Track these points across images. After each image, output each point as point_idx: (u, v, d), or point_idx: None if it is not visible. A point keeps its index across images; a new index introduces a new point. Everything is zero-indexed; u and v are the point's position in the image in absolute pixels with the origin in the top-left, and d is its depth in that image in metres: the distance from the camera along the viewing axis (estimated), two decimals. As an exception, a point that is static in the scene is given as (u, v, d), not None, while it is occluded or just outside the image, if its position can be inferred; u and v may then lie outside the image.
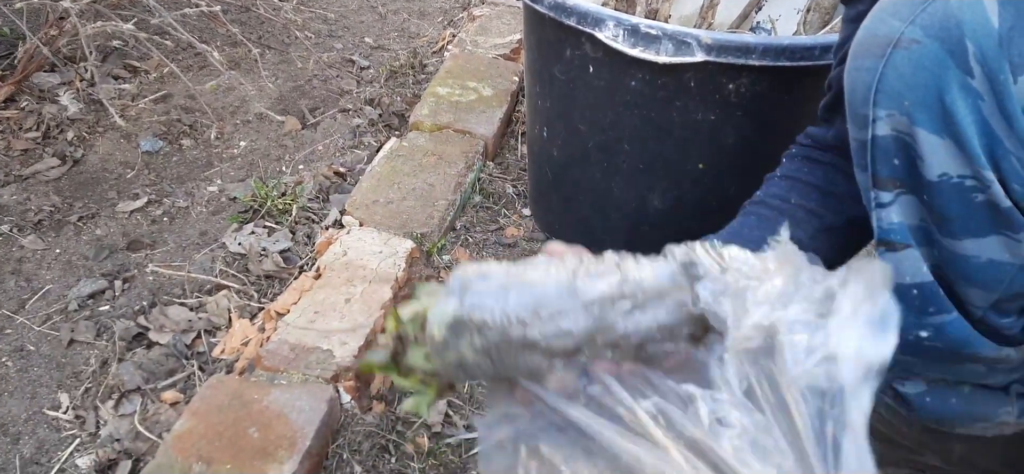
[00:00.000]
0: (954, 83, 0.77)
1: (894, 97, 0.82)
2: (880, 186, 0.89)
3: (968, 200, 0.83)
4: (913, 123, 0.81)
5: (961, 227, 0.86)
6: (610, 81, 1.36)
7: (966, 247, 0.87)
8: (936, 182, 0.83)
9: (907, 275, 0.92)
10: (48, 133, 1.95)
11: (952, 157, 0.81)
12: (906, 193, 0.88)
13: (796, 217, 1.03)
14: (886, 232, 0.91)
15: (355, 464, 1.21)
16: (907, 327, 0.96)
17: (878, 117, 0.84)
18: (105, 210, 1.74)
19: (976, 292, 0.92)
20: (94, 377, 1.34)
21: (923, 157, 0.83)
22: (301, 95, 2.22)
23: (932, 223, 0.88)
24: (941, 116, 0.79)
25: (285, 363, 1.28)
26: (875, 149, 0.86)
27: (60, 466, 1.20)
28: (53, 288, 1.52)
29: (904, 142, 0.84)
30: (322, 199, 1.81)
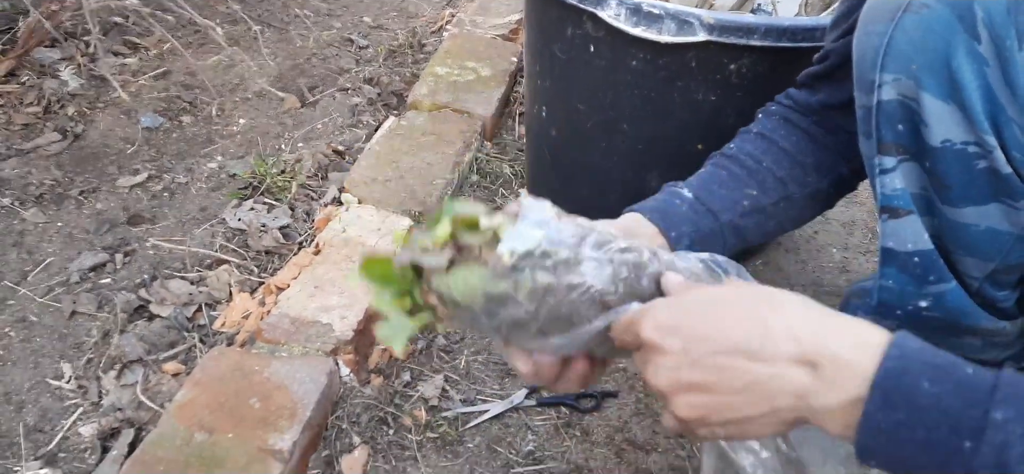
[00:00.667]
0: (961, 48, 0.78)
1: (902, 61, 0.83)
2: (884, 151, 0.90)
3: (970, 166, 0.84)
4: (919, 87, 0.82)
5: (961, 194, 0.87)
6: (611, 60, 1.37)
7: (966, 215, 0.88)
8: (939, 148, 0.84)
9: (908, 242, 0.93)
10: (49, 108, 1.95)
11: (956, 123, 0.82)
12: (908, 160, 0.89)
13: (765, 183, 1.04)
14: (889, 198, 0.92)
15: (354, 435, 1.22)
16: (907, 297, 0.97)
17: (884, 81, 0.85)
18: (106, 185, 1.75)
19: (973, 262, 0.93)
20: (96, 348, 1.35)
21: (927, 122, 0.84)
22: (300, 73, 2.23)
23: (933, 190, 0.89)
24: (947, 81, 0.80)
25: (285, 336, 1.29)
26: (880, 114, 0.87)
27: (63, 434, 1.21)
28: (54, 260, 1.53)
29: (909, 107, 0.85)
30: (321, 177, 1.82)
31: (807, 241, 1.75)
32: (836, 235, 1.78)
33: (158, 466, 1.07)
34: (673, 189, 1.03)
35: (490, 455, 1.23)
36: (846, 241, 1.76)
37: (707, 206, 1.01)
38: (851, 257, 1.72)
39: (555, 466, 1.22)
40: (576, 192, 1.61)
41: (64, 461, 1.17)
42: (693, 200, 1.01)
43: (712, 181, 1.04)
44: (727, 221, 1.01)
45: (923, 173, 0.89)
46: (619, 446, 1.25)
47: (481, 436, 1.26)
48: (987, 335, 0.99)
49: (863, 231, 1.80)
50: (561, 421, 1.29)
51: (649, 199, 1.02)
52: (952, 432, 0.57)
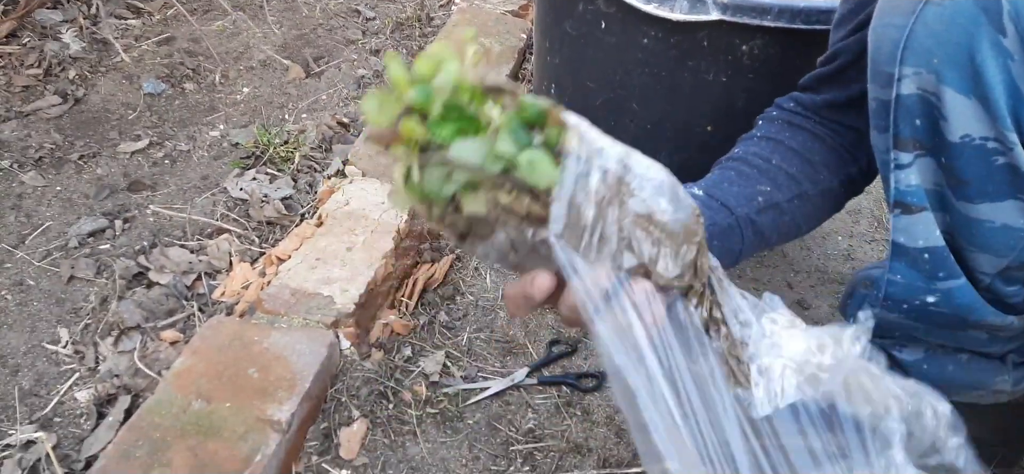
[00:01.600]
0: (985, 41, 0.76)
1: (922, 54, 0.81)
2: (900, 147, 0.88)
3: (988, 163, 0.83)
4: (940, 82, 0.80)
5: (978, 190, 0.85)
6: (621, 38, 1.35)
7: (981, 211, 0.87)
8: (957, 143, 0.83)
9: (920, 238, 0.92)
10: (49, 70, 1.93)
11: (977, 118, 0.80)
12: (925, 155, 0.88)
13: (776, 179, 1.02)
14: (903, 194, 0.91)
15: (353, 409, 1.21)
16: (914, 292, 0.96)
17: (904, 75, 0.83)
18: (106, 150, 1.73)
19: (986, 258, 0.92)
20: (94, 314, 1.34)
21: (947, 117, 0.82)
22: (306, 43, 2.20)
23: (948, 187, 0.88)
24: (970, 75, 0.78)
25: (286, 307, 1.28)
26: (898, 108, 0.85)
27: (59, 399, 1.20)
28: (53, 225, 1.52)
29: (929, 102, 0.83)
30: (325, 148, 1.80)
31: (813, 228, 1.73)
32: (842, 223, 1.76)
33: (154, 433, 1.06)
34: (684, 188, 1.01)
35: (490, 432, 1.22)
36: (851, 229, 1.75)
37: (721, 201, 0.98)
38: (857, 245, 1.70)
39: (555, 444, 1.21)
40: (582, 171, 1.59)
41: (59, 426, 1.16)
42: (705, 196, 0.98)
43: (722, 180, 1.01)
44: (743, 215, 0.99)
45: (939, 169, 0.87)
46: (619, 426, 1.24)
47: (481, 413, 1.25)
48: (993, 329, 0.98)
49: (869, 219, 1.79)
50: (562, 400, 1.28)
51: None
52: None
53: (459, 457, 1.18)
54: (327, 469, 1.14)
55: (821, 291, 1.54)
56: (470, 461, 1.18)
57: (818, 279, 1.58)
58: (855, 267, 1.63)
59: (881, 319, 1.03)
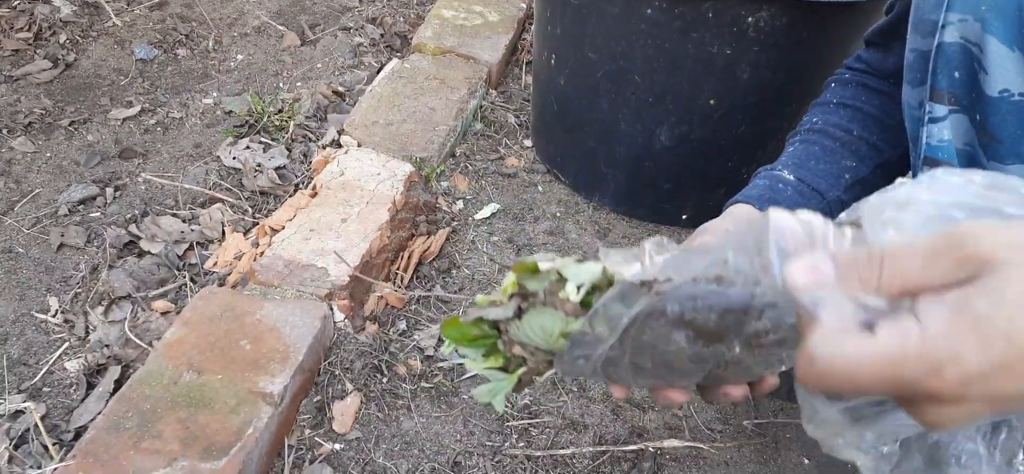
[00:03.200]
0: None
1: (970, 1, 0.79)
2: (936, 99, 0.86)
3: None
4: (985, 30, 0.78)
5: (1011, 149, 0.83)
6: (625, 8, 1.32)
7: (1012, 172, 0.85)
8: (995, 98, 0.81)
9: None
10: (40, 34, 1.89)
11: (1018, 71, 0.78)
12: (959, 111, 0.86)
13: (860, 152, 1.00)
14: (934, 150, 0.88)
15: (347, 382, 1.19)
16: None
17: (949, 22, 0.81)
18: (97, 116, 1.70)
19: None
20: (84, 283, 1.32)
21: (987, 69, 0.80)
22: (301, 10, 2.16)
23: (979, 146, 0.86)
24: (1017, 25, 0.76)
25: (279, 278, 1.26)
26: (938, 58, 0.83)
27: (48, 368, 1.18)
28: (43, 192, 1.49)
29: (970, 53, 0.81)
30: (320, 118, 1.77)
31: (815, 205, 1.71)
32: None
33: (144, 404, 1.04)
34: (772, 173, 0.97)
35: (485, 408, 1.20)
36: (854, 207, 1.73)
37: (812, 186, 0.97)
38: (859, 223, 1.68)
39: (551, 421, 1.19)
40: (582, 144, 1.56)
41: (48, 396, 1.14)
42: (796, 182, 0.97)
43: (808, 158, 0.99)
44: (834, 198, 0.97)
45: (972, 127, 0.85)
46: (616, 403, 1.23)
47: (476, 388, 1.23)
48: None
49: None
50: (558, 376, 1.26)
51: (750, 188, 0.95)
52: None
53: (453, 432, 1.16)
54: (320, 442, 1.12)
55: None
56: (465, 436, 1.16)
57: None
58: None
59: None
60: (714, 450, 1.19)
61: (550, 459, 1.14)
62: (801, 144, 1.01)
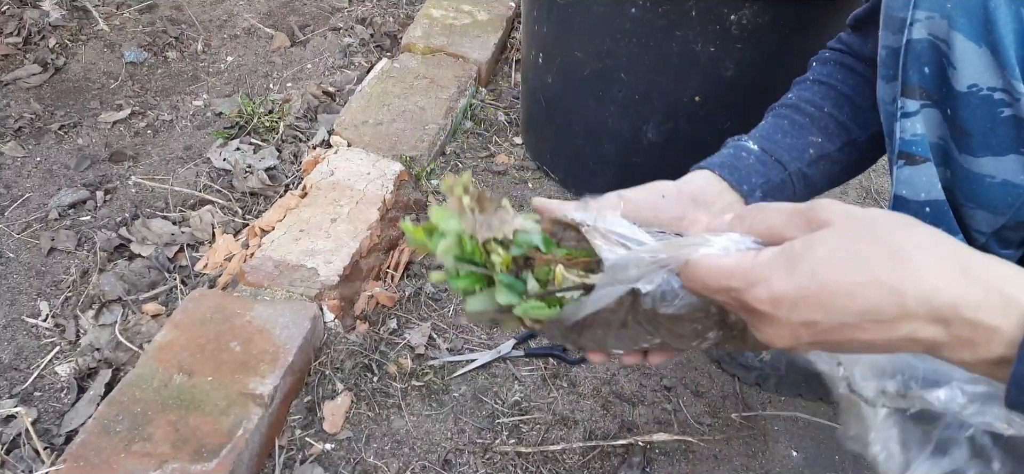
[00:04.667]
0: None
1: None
2: (908, 94, 0.88)
3: (994, 114, 0.82)
4: (952, 27, 0.80)
5: (981, 143, 0.85)
6: (610, 7, 1.33)
7: (983, 165, 0.86)
8: (965, 93, 0.82)
9: (922, 191, 0.92)
10: (29, 39, 1.90)
11: (985, 67, 0.80)
12: (931, 106, 0.87)
13: (828, 128, 1.03)
14: (908, 144, 0.90)
15: (337, 382, 1.20)
16: None
17: (916, 19, 0.83)
18: (87, 120, 1.70)
19: (983, 216, 0.91)
20: (74, 286, 1.32)
21: (955, 65, 0.81)
22: (291, 11, 2.17)
23: (951, 140, 0.87)
24: (982, 22, 0.78)
25: (269, 279, 1.26)
26: (908, 54, 0.85)
27: (39, 372, 1.18)
28: (33, 196, 1.49)
29: (938, 49, 0.83)
30: (310, 118, 1.77)
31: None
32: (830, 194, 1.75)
33: (135, 407, 1.05)
34: (738, 143, 1.01)
35: (476, 405, 1.21)
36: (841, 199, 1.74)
37: (775, 157, 0.99)
38: (846, 217, 1.70)
39: (541, 417, 1.20)
40: (571, 141, 1.57)
41: (39, 400, 1.15)
42: (760, 152, 0.99)
43: (775, 131, 1.02)
44: (796, 169, 1.00)
45: (944, 121, 0.87)
46: (606, 398, 1.24)
47: (467, 385, 1.24)
48: None
49: (858, 190, 1.78)
50: (548, 372, 1.27)
51: (715, 155, 0.99)
52: None
53: (444, 430, 1.17)
54: (310, 443, 1.13)
55: (809, 263, 1.54)
56: (455, 434, 1.17)
57: (806, 251, 1.58)
58: (844, 239, 1.62)
59: None
60: (703, 443, 1.20)
61: (540, 455, 1.15)
62: (772, 118, 1.04)
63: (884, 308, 0.55)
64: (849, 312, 0.55)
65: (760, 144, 1.00)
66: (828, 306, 0.55)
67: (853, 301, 0.55)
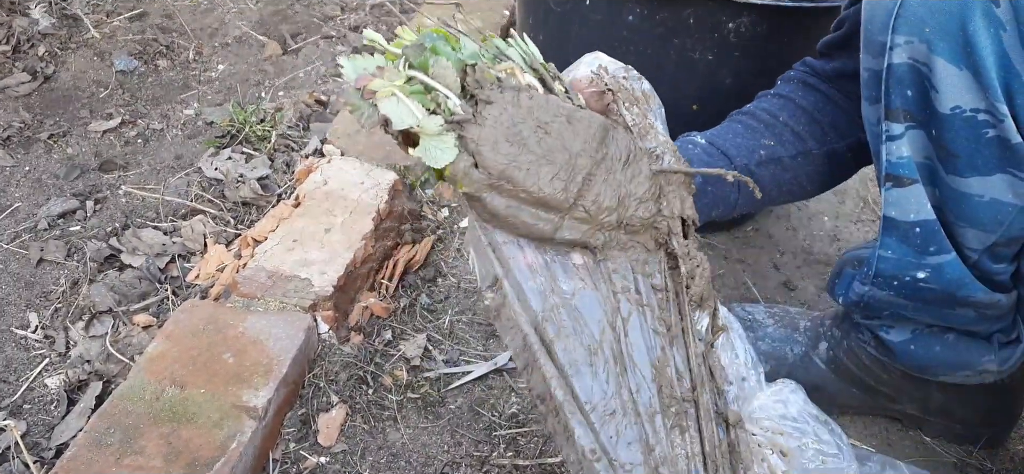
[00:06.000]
0: (978, 10, 0.76)
1: (915, 24, 0.81)
2: (892, 118, 0.88)
3: (978, 135, 0.82)
4: (932, 51, 0.80)
5: (968, 164, 0.85)
6: (607, 15, 1.32)
7: (970, 186, 0.86)
8: (948, 115, 0.82)
9: (911, 212, 0.92)
10: (18, 47, 1.88)
11: (967, 89, 0.80)
12: (915, 127, 0.87)
13: (782, 136, 1.05)
14: (895, 166, 0.90)
15: (332, 394, 1.18)
16: (905, 267, 0.96)
17: (896, 44, 0.83)
18: (77, 129, 1.69)
19: (974, 234, 0.91)
20: (64, 297, 1.30)
21: (937, 88, 0.81)
22: (283, 19, 2.15)
23: (938, 161, 0.87)
24: (962, 45, 0.78)
25: (262, 290, 1.25)
26: (890, 78, 0.85)
27: (29, 385, 1.16)
28: (22, 206, 1.47)
29: (920, 72, 0.83)
30: (302, 127, 1.76)
31: (798, 209, 1.72)
32: (827, 203, 1.75)
33: (127, 420, 1.03)
34: (686, 136, 1.04)
35: (472, 417, 1.20)
36: (837, 210, 1.74)
37: (721, 150, 1.01)
38: (842, 226, 1.69)
39: (538, 429, 1.19)
40: (565, 151, 1.56)
41: (29, 413, 1.13)
42: (705, 145, 1.01)
43: (727, 132, 1.04)
44: (741, 165, 1.01)
45: (929, 142, 0.87)
46: (604, 411, 1.22)
47: (463, 398, 1.22)
48: (981, 307, 0.98)
49: (854, 200, 1.78)
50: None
51: None
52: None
53: (441, 443, 1.16)
54: (305, 456, 1.11)
55: (807, 272, 1.53)
56: (452, 447, 1.15)
57: (804, 260, 1.57)
58: (841, 248, 1.62)
59: (871, 297, 1.02)
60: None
61: (538, 468, 1.14)
62: (727, 122, 1.07)
63: None
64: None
65: (708, 138, 1.02)
66: None
67: None
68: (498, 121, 0.71)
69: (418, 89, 0.71)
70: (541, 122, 0.73)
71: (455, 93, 0.71)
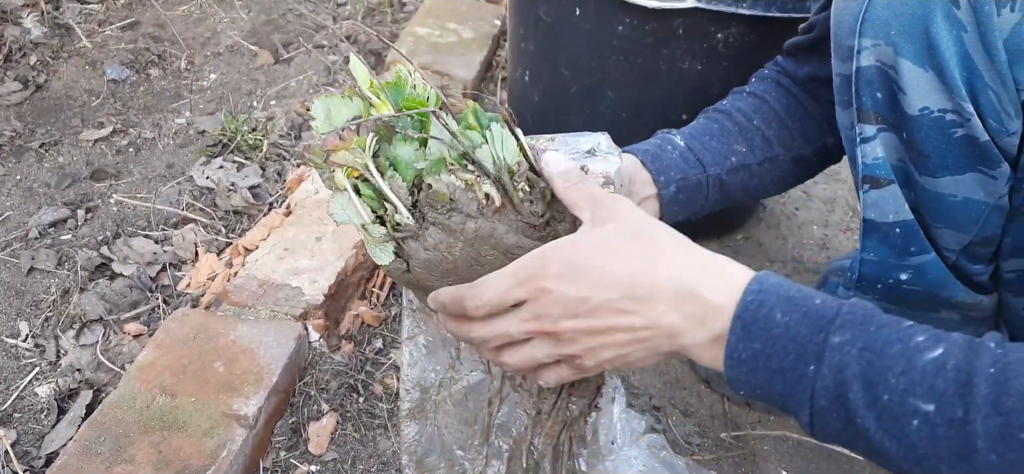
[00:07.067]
0: (939, 12, 0.77)
1: (880, 27, 0.82)
2: (864, 119, 0.89)
3: (947, 135, 0.83)
4: (897, 54, 0.81)
5: (939, 163, 0.86)
6: (597, 24, 1.33)
7: (943, 185, 0.88)
8: (917, 116, 0.84)
9: (890, 213, 0.93)
10: (10, 56, 1.88)
11: (933, 90, 0.81)
12: (887, 130, 0.89)
13: (753, 141, 1.06)
14: (870, 168, 0.92)
15: (322, 402, 1.18)
16: (888, 270, 0.97)
17: (863, 47, 0.85)
18: (68, 138, 1.69)
19: (950, 234, 0.92)
20: (55, 306, 1.30)
21: (905, 90, 0.83)
22: (275, 29, 2.16)
23: (910, 162, 0.89)
24: (925, 47, 0.80)
25: (253, 299, 1.25)
26: (859, 81, 0.87)
27: (19, 393, 1.16)
28: (13, 215, 1.47)
29: (887, 75, 0.84)
30: (294, 136, 1.76)
31: (788, 217, 1.73)
32: (817, 212, 1.76)
33: (117, 429, 1.03)
34: (666, 136, 1.05)
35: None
36: (827, 218, 1.75)
37: (697, 156, 1.03)
38: (832, 234, 1.70)
39: (529, 438, 1.19)
40: (556, 160, 1.57)
41: (18, 421, 1.13)
42: (685, 148, 1.03)
43: (704, 133, 1.05)
44: (714, 174, 1.03)
45: (901, 144, 0.88)
46: (594, 419, 1.23)
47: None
48: (965, 309, 0.99)
49: (844, 208, 1.79)
50: (536, 392, 1.26)
51: (644, 142, 1.03)
52: (799, 359, 0.61)
53: (431, 450, 1.16)
54: (295, 464, 1.11)
55: (796, 280, 1.54)
56: (443, 454, 1.16)
57: (794, 268, 1.58)
58: (830, 256, 1.63)
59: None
60: (692, 462, 1.19)
61: (528, 475, 1.14)
62: (704, 119, 1.08)
63: (640, 284, 0.66)
64: (614, 287, 0.67)
65: (687, 141, 1.03)
66: (597, 280, 0.67)
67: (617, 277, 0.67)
68: (437, 246, 0.73)
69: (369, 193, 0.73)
70: (478, 254, 0.74)
71: (405, 206, 0.72)
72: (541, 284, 0.68)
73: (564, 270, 0.68)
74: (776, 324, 0.62)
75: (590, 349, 0.70)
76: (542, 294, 0.69)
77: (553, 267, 0.68)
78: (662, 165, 0.99)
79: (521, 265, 0.70)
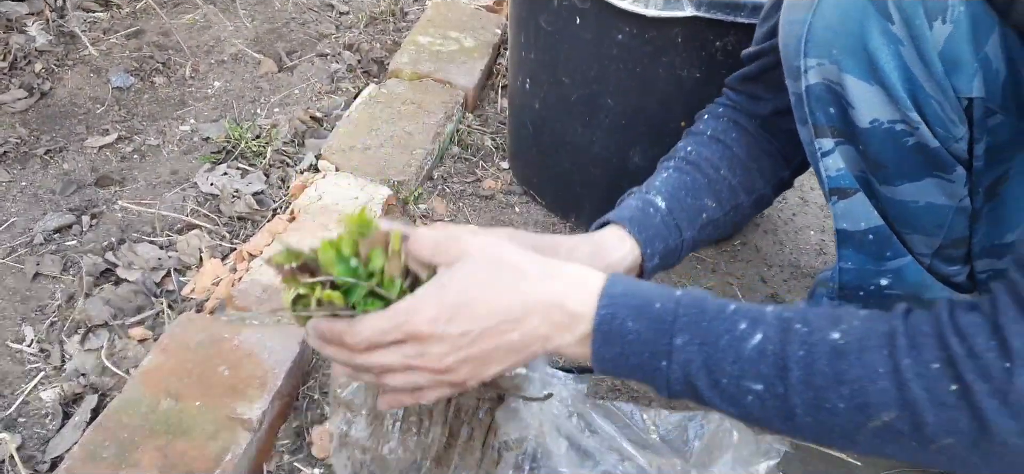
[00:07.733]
0: (875, 29, 0.80)
1: (823, 46, 0.84)
2: (820, 134, 0.91)
3: (900, 144, 0.86)
4: (842, 70, 0.83)
5: (896, 172, 0.88)
6: (597, 33, 1.35)
7: (904, 192, 0.89)
8: (868, 128, 0.86)
9: (862, 221, 0.95)
10: (15, 64, 1.89)
11: (880, 103, 0.83)
12: (843, 142, 0.91)
13: (721, 195, 1.04)
14: (835, 180, 0.93)
15: (325, 406, 1.20)
16: (867, 276, 0.99)
17: (809, 67, 0.86)
18: (73, 145, 1.70)
19: (920, 239, 0.94)
20: (60, 311, 1.31)
21: (853, 104, 0.85)
22: (278, 37, 2.18)
23: (870, 172, 0.91)
24: (867, 62, 0.82)
25: (257, 304, 1.26)
26: (810, 99, 0.89)
27: (24, 398, 1.17)
28: (18, 221, 1.49)
29: (834, 91, 0.86)
30: (297, 143, 1.78)
31: (785, 223, 1.74)
32: (814, 217, 1.78)
33: (122, 433, 1.04)
34: (647, 197, 1.02)
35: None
36: (824, 223, 1.76)
37: (676, 221, 1.00)
38: (828, 240, 1.72)
39: (529, 442, 1.20)
40: (557, 166, 1.59)
41: (24, 426, 1.14)
42: (666, 212, 1.00)
43: (680, 189, 1.03)
44: (689, 237, 1.02)
45: (858, 155, 0.90)
46: (594, 424, 1.24)
47: (455, 410, 1.24)
48: None
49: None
50: (536, 397, 1.27)
51: (624, 207, 1.00)
52: (652, 357, 0.73)
53: (433, 454, 1.17)
54: (299, 468, 1.12)
55: (794, 285, 1.55)
56: (444, 458, 1.17)
57: (791, 273, 1.59)
58: (827, 261, 1.64)
59: None
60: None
61: (528, 479, 1.15)
62: (676, 172, 1.05)
63: (514, 308, 0.72)
64: (492, 316, 0.72)
65: (668, 203, 1.01)
66: (475, 314, 0.72)
67: (492, 306, 0.72)
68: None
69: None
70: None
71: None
72: (416, 330, 0.72)
73: (439, 313, 0.71)
74: (629, 332, 0.73)
75: (473, 373, 0.75)
76: (420, 338, 0.72)
77: (428, 311, 0.72)
78: (648, 236, 0.97)
79: (396, 312, 0.72)
